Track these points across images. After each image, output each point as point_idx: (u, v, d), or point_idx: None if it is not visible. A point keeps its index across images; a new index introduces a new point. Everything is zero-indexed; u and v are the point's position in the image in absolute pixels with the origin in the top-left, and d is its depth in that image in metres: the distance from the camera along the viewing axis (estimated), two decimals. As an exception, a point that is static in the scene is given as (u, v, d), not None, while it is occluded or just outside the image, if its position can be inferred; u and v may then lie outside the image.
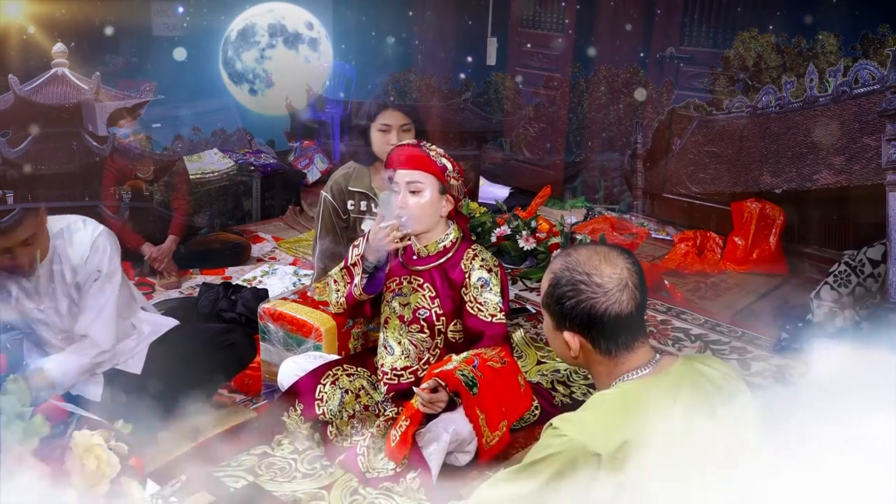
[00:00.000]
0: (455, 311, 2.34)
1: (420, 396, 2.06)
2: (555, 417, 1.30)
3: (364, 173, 2.83)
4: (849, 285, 3.04)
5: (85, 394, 2.32)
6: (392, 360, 2.38)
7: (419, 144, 2.30)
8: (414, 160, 2.25)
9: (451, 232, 2.34)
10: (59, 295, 2.22)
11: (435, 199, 2.26)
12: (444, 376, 2.08)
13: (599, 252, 1.35)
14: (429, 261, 2.33)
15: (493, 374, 2.15)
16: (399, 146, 2.32)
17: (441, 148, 2.34)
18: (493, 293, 2.29)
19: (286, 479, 2.23)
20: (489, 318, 2.28)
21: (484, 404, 2.11)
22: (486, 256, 2.34)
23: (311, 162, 5.21)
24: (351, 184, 2.82)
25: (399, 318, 2.36)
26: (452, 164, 2.29)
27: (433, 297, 2.32)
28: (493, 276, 2.30)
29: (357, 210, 2.83)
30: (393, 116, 2.74)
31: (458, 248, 2.34)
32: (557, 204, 4.88)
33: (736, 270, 4.01)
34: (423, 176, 2.24)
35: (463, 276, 2.31)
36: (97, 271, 2.22)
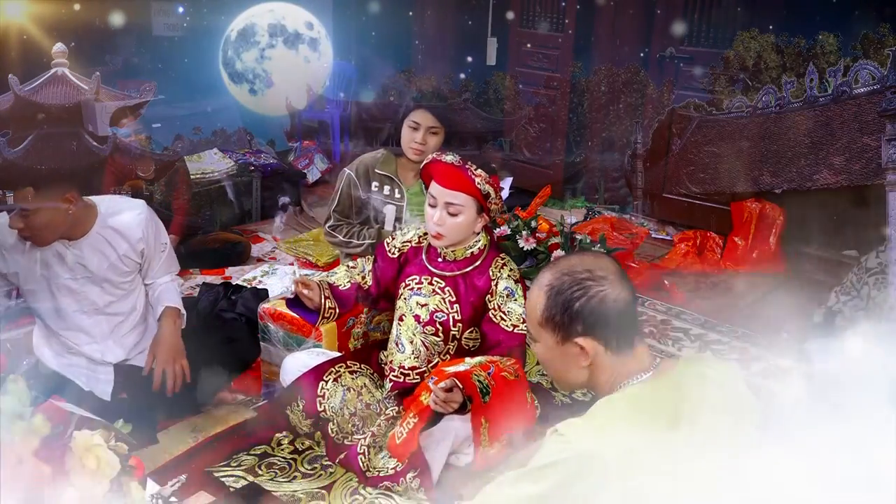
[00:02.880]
0: (473, 319, 2.32)
1: (435, 394, 2.02)
2: (560, 423, 1.29)
3: (391, 160, 3.01)
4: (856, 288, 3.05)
5: (96, 391, 2.34)
6: (402, 357, 2.37)
7: (465, 166, 2.23)
8: (458, 182, 2.21)
9: (480, 239, 2.34)
10: (100, 267, 2.31)
11: (472, 220, 2.26)
12: (461, 378, 2.05)
13: (582, 255, 1.38)
14: (455, 266, 2.33)
15: (505, 386, 2.13)
16: (443, 162, 2.24)
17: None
18: (518, 304, 2.28)
19: (286, 479, 2.23)
20: (511, 327, 2.28)
21: (490, 414, 2.09)
22: (513, 267, 2.34)
23: (311, 162, 5.21)
24: (378, 167, 2.99)
25: (415, 317, 2.34)
26: (495, 189, 2.25)
27: (453, 301, 2.31)
28: (518, 287, 2.30)
29: (380, 193, 3.00)
30: (424, 116, 2.89)
31: (486, 255, 2.33)
32: (557, 204, 4.88)
33: (736, 270, 4.00)
34: (465, 198, 2.22)
35: (489, 283, 2.30)
36: (163, 244, 2.46)
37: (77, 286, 2.32)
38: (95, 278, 2.32)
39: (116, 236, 2.33)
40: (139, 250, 2.38)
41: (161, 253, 2.47)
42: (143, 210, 2.39)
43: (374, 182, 3.00)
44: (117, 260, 2.34)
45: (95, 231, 2.30)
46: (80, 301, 2.34)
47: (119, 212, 2.36)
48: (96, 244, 2.30)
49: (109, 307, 2.39)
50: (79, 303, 2.34)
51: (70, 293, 2.32)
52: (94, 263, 2.31)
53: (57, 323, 2.36)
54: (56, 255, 2.28)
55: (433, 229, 2.25)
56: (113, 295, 2.38)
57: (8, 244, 2.26)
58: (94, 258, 2.30)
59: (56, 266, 2.29)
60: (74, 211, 2.22)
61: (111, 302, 2.39)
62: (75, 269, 2.30)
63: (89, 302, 2.35)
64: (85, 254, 2.29)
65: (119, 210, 2.36)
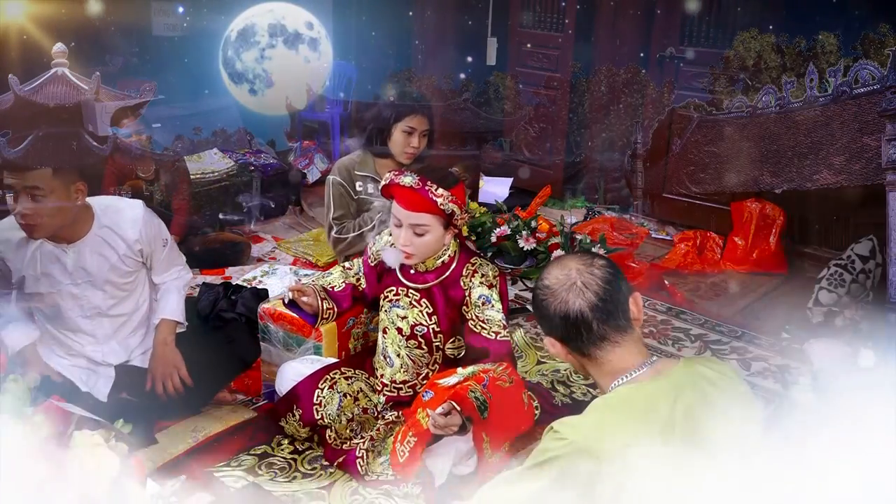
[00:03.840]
0: (454, 329, 2.30)
1: (434, 419, 1.96)
2: (556, 421, 1.30)
3: (368, 160, 3.01)
4: (844, 284, 3.04)
5: (95, 392, 2.33)
6: (391, 371, 2.36)
7: (424, 188, 2.12)
8: (419, 204, 2.12)
9: (449, 246, 2.28)
10: (100, 270, 2.30)
11: (439, 236, 2.19)
12: (458, 399, 2.00)
13: (561, 260, 1.42)
14: (427, 278, 2.28)
15: (502, 395, 2.09)
16: (400, 185, 2.14)
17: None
18: (496, 310, 2.24)
19: (286, 479, 2.23)
20: (493, 335, 2.23)
21: (490, 428, 2.06)
22: (485, 271, 2.27)
23: (311, 162, 5.21)
24: (357, 168, 3.00)
25: (398, 330, 2.33)
26: (459, 205, 2.15)
27: (431, 313, 2.28)
28: (493, 292, 2.25)
29: (364, 192, 3.02)
30: (420, 121, 2.87)
31: (457, 261, 2.28)
32: (557, 204, 4.88)
33: (736, 270, 4.00)
34: (429, 218, 2.14)
35: (463, 293, 2.26)
36: (164, 240, 2.44)
37: (79, 291, 2.31)
38: (97, 281, 2.32)
39: (114, 237, 2.32)
40: (137, 250, 2.36)
41: (163, 248, 2.44)
42: (139, 209, 2.37)
43: (358, 182, 3.01)
44: (118, 261, 2.33)
45: (93, 233, 2.29)
46: (82, 305, 2.34)
47: (115, 212, 2.34)
48: (95, 246, 2.29)
49: (112, 309, 2.39)
50: (81, 307, 2.34)
51: (72, 298, 2.32)
52: (95, 266, 2.30)
53: (58, 325, 2.36)
54: (56, 261, 2.27)
55: (402, 249, 2.20)
56: (115, 297, 2.38)
57: (12, 244, 2.25)
58: (94, 261, 2.29)
59: (57, 273, 2.27)
60: (79, 206, 2.22)
61: (113, 304, 2.38)
62: (76, 274, 2.29)
63: (92, 306, 2.35)
64: (85, 257, 2.28)
65: (115, 211, 2.35)
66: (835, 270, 3.06)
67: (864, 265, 3.06)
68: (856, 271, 3.05)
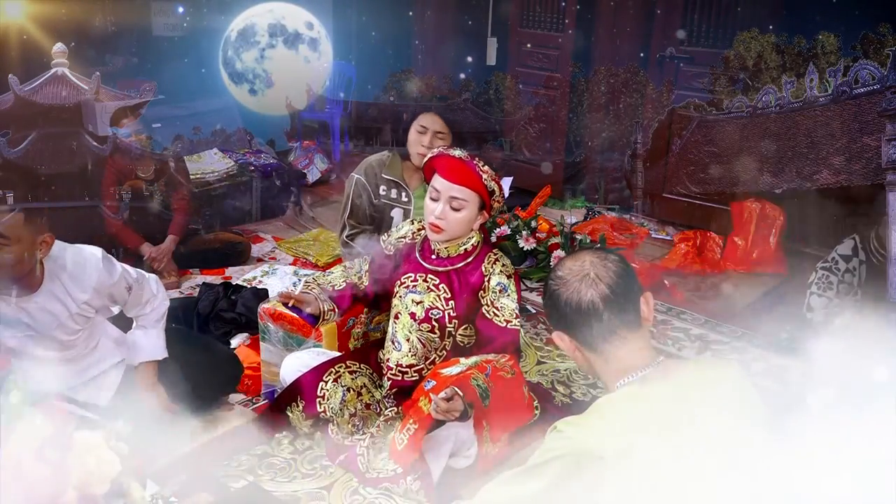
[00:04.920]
0: (468, 315, 2.32)
1: (436, 404, 1.98)
2: (559, 420, 1.29)
3: (397, 164, 3.00)
4: (832, 286, 3.05)
5: (95, 400, 2.30)
6: (399, 355, 2.37)
7: (473, 161, 2.22)
8: (464, 177, 2.20)
9: (474, 235, 2.33)
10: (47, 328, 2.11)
11: (473, 216, 2.25)
12: (461, 384, 2.02)
13: (575, 253, 1.41)
14: (449, 262, 2.33)
15: (503, 385, 2.13)
16: (450, 156, 2.23)
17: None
18: (511, 299, 2.28)
19: (286, 479, 2.23)
20: (504, 323, 2.27)
21: (491, 416, 2.09)
22: (506, 262, 2.34)
23: (311, 162, 5.21)
24: (385, 171, 2.98)
25: (411, 315, 2.34)
26: (499, 187, 2.26)
27: (448, 298, 2.31)
28: (511, 283, 2.30)
29: (388, 197, 2.99)
30: (432, 120, 2.88)
31: (479, 251, 2.33)
32: (557, 204, 4.88)
33: (736, 270, 4.00)
34: (469, 194, 2.21)
35: (482, 279, 2.30)
36: (127, 287, 2.21)
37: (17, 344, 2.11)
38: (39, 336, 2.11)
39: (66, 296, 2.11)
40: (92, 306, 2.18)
41: (128, 293, 2.23)
42: (96, 261, 2.14)
43: (382, 186, 2.99)
44: (68, 319, 2.14)
45: (45, 288, 2.09)
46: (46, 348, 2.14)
47: (74, 266, 2.12)
48: (44, 302, 2.09)
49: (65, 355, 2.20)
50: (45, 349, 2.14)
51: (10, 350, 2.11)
52: (41, 324, 2.10)
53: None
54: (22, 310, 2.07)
55: (433, 222, 2.24)
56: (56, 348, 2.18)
57: None
58: (42, 317, 2.10)
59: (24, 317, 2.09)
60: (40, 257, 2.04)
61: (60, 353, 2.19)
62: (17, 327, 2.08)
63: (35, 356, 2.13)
64: (31, 313, 2.08)
65: (74, 264, 2.12)
66: (822, 274, 3.08)
67: (847, 264, 3.08)
68: (840, 272, 3.07)
